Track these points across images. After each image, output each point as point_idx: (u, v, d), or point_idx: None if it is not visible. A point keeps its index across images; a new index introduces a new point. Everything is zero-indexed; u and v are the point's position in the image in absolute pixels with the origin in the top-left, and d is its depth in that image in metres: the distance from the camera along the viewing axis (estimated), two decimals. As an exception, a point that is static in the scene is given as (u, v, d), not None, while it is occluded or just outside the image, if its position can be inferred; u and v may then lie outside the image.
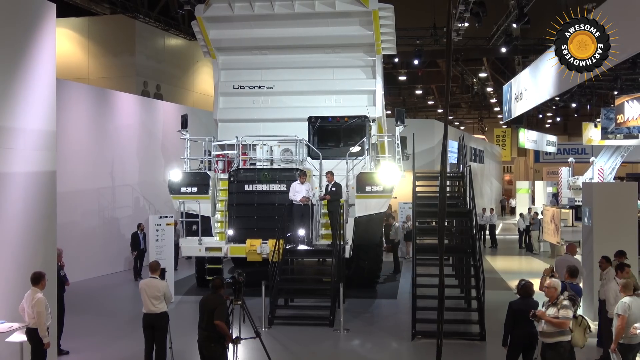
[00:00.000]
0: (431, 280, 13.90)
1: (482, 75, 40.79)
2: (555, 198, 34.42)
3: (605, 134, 31.29)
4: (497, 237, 28.00)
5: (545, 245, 25.01)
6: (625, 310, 8.10)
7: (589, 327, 8.37)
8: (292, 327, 12.90)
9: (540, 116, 50.73)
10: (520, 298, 8.52)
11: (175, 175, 15.84)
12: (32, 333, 8.42)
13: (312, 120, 17.10)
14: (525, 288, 8.56)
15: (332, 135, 17.14)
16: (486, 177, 44.31)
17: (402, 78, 39.17)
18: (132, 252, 18.89)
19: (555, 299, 8.01)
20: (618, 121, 26.25)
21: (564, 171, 34.76)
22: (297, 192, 14.75)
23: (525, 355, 8.45)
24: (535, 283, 8.73)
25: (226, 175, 16.07)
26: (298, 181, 14.88)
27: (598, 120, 33.63)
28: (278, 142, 16.94)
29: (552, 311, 7.92)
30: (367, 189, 15.19)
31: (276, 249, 13.88)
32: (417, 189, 15.13)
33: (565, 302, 7.92)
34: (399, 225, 21.19)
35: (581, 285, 10.96)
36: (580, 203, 18.78)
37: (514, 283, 8.64)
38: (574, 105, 40.49)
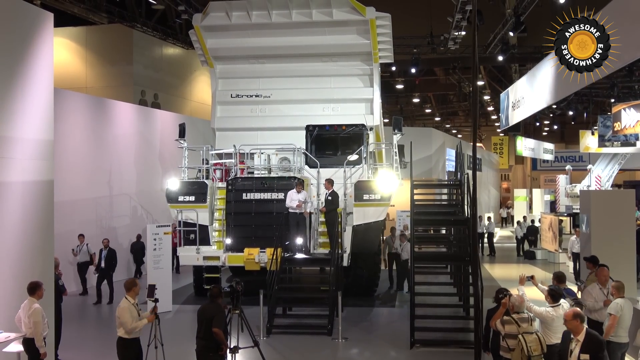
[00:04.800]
0: (429, 289, 13.92)
1: (479, 83, 40.89)
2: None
3: (602, 142, 31.35)
4: (495, 244, 27.99)
5: (544, 253, 25.03)
6: (618, 311, 8.36)
7: (529, 357, 7.59)
8: (290, 336, 12.85)
9: (538, 124, 50.71)
10: (497, 306, 8.57)
11: (173, 184, 15.82)
12: (28, 343, 8.40)
13: (309, 129, 17.11)
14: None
15: (330, 143, 17.15)
16: (484, 185, 44.36)
17: (400, 86, 39.29)
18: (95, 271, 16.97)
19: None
20: (615, 129, 26.30)
21: (562, 179, 34.79)
22: (293, 200, 14.74)
23: None
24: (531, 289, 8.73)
25: (224, 184, 16.07)
26: (294, 190, 14.88)
27: (595, 127, 33.67)
28: (276, 151, 16.94)
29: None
30: (365, 197, 15.18)
31: (274, 257, 13.85)
32: (415, 197, 15.12)
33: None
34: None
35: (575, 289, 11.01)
36: (578, 210, 18.81)
37: (512, 291, 8.64)
38: (570, 113, 40.60)
